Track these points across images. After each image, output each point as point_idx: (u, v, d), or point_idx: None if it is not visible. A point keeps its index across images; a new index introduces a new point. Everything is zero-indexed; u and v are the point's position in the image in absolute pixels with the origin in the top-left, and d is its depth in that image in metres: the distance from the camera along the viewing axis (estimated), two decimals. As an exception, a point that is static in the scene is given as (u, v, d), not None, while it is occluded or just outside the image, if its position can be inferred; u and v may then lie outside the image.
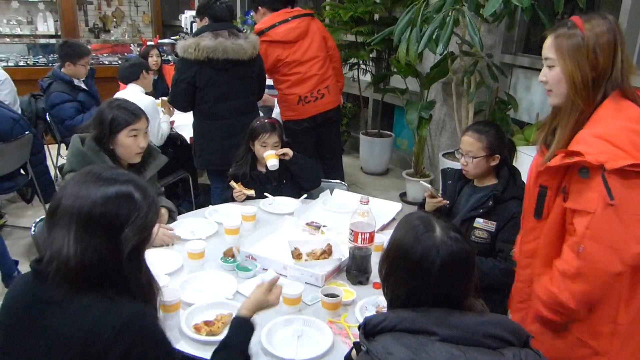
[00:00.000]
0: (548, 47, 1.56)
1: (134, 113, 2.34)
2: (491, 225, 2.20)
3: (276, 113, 4.14)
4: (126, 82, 3.84)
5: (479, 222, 2.22)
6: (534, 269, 1.67)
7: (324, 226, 2.39)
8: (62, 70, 4.30)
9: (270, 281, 1.61)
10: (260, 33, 3.64)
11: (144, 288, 1.27)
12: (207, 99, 3.24)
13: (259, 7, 3.81)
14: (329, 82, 3.88)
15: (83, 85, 4.37)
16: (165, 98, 4.11)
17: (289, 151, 2.74)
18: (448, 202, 2.39)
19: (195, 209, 2.81)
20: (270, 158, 2.70)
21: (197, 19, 3.58)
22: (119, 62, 6.53)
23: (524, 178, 1.85)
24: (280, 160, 2.75)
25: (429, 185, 2.42)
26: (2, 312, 1.25)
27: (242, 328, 1.48)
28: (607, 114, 1.47)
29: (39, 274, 1.21)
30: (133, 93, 3.63)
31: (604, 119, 1.47)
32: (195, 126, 3.42)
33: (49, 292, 1.18)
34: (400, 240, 1.26)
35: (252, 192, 2.67)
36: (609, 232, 1.41)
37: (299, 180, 2.80)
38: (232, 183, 2.69)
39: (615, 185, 1.38)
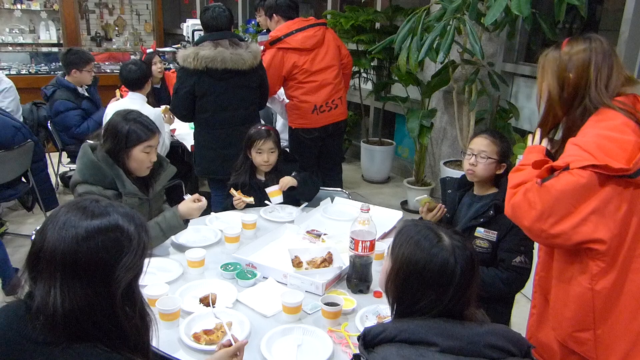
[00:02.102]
0: (538, 64, 1.75)
1: (150, 128, 2.29)
2: (492, 235, 2.18)
3: (282, 124, 4.14)
4: (132, 89, 3.75)
5: (480, 231, 2.21)
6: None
7: (325, 234, 2.38)
8: (66, 78, 4.33)
9: (236, 346, 1.48)
10: (277, 41, 3.65)
11: (138, 325, 1.17)
12: (206, 108, 3.25)
13: (274, 15, 3.82)
14: (342, 93, 3.93)
15: (86, 94, 4.40)
16: (166, 106, 4.11)
17: (292, 181, 2.71)
18: (446, 210, 2.39)
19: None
20: (275, 195, 2.65)
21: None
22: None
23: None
24: (279, 170, 2.76)
25: (425, 195, 2.42)
26: None
27: None
28: (588, 125, 1.60)
29: (29, 312, 1.10)
30: (137, 104, 3.54)
31: (585, 128, 1.60)
32: (195, 135, 3.43)
33: (38, 334, 1.08)
34: (410, 258, 1.23)
35: (251, 200, 2.66)
36: (544, 204, 1.52)
37: (298, 196, 2.80)
38: (232, 191, 2.69)
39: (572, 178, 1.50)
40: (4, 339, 1.11)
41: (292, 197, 2.78)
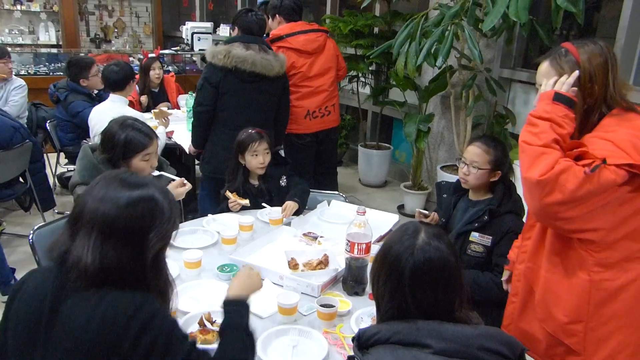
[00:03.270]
0: (544, 73, 1.61)
1: (148, 135, 2.28)
2: (487, 240, 2.20)
3: None
4: (114, 90, 3.65)
5: (475, 236, 2.22)
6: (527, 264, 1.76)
7: (321, 237, 2.39)
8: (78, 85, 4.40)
9: (245, 266, 1.69)
10: (279, 39, 3.68)
11: (161, 290, 1.29)
12: (226, 106, 3.26)
13: (276, 15, 3.84)
14: (335, 101, 3.96)
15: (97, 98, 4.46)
16: (162, 108, 4.12)
17: (295, 206, 2.65)
18: (438, 217, 2.42)
19: (187, 218, 2.80)
20: (277, 224, 2.56)
21: (232, 30, 3.60)
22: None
23: (520, 191, 1.87)
24: (269, 174, 2.79)
25: (421, 211, 2.45)
26: (22, 302, 1.25)
27: (239, 306, 1.48)
28: (611, 122, 1.53)
29: (61, 264, 1.22)
30: (117, 106, 3.46)
31: (609, 125, 1.53)
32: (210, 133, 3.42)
33: (72, 283, 1.19)
34: (386, 240, 1.29)
35: (246, 202, 2.66)
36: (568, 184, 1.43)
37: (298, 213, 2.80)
38: (227, 193, 2.70)
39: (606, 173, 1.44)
40: (41, 291, 1.22)
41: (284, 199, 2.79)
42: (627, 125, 1.51)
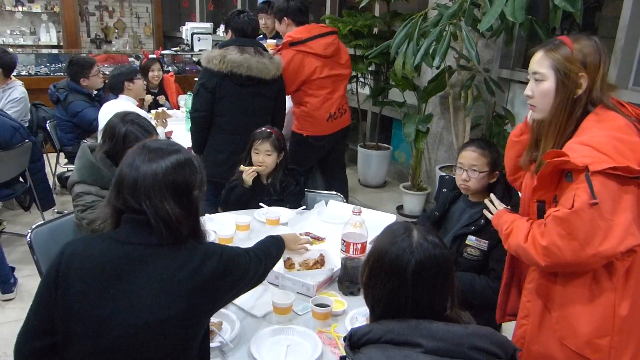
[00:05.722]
0: (538, 62, 1.62)
1: (147, 129, 2.32)
2: (483, 244, 2.18)
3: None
4: (113, 93, 3.85)
5: (471, 239, 2.20)
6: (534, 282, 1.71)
7: (323, 238, 2.39)
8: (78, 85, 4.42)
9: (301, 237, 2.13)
10: (298, 43, 3.65)
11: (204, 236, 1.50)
12: (222, 111, 3.25)
13: (284, 18, 3.81)
14: (347, 100, 4.00)
15: (97, 98, 4.48)
16: (160, 110, 4.12)
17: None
18: (433, 211, 2.43)
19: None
20: (274, 224, 2.55)
21: (226, 32, 3.58)
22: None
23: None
24: (283, 183, 2.84)
25: None
26: (89, 265, 1.34)
27: (275, 238, 1.86)
28: (591, 125, 1.53)
29: (141, 225, 1.35)
30: (124, 105, 3.53)
31: (589, 129, 1.53)
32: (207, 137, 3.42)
33: (156, 238, 1.35)
34: (378, 244, 1.28)
35: (260, 168, 2.77)
36: (582, 229, 1.44)
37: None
38: (242, 167, 2.77)
39: (598, 187, 1.42)
40: (108, 257, 1.35)
41: (294, 206, 2.82)
42: (607, 127, 1.50)
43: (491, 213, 1.91)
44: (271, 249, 1.77)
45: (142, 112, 3.59)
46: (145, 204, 1.34)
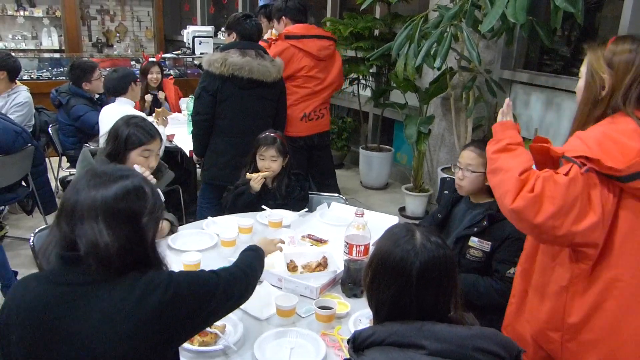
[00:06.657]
0: (586, 63, 1.62)
1: (150, 133, 2.34)
2: (486, 245, 2.17)
3: None
4: (115, 95, 3.79)
5: (474, 241, 2.20)
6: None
7: (326, 240, 2.40)
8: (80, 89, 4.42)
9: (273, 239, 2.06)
10: (293, 37, 3.69)
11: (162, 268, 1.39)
12: (224, 114, 3.25)
13: (282, 17, 3.85)
14: (328, 105, 4.03)
15: (99, 102, 4.48)
16: (159, 110, 4.13)
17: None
18: (435, 213, 2.42)
19: (188, 220, 2.82)
20: (276, 227, 2.56)
21: (226, 34, 3.60)
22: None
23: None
24: (288, 188, 2.84)
25: None
26: (24, 312, 1.26)
27: (253, 250, 1.80)
28: (601, 123, 1.54)
29: (72, 262, 1.26)
30: (124, 109, 3.54)
31: (596, 126, 1.53)
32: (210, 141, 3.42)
33: (89, 276, 1.25)
34: (381, 247, 1.27)
35: (267, 173, 2.76)
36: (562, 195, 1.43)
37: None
38: (248, 175, 2.76)
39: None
40: (41, 302, 1.25)
41: (297, 209, 2.82)
42: (610, 127, 1.49)
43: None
44: (253, 263, 1.71)
45: (143, 115, 3.61)
46: (78, 232, 1.25)
